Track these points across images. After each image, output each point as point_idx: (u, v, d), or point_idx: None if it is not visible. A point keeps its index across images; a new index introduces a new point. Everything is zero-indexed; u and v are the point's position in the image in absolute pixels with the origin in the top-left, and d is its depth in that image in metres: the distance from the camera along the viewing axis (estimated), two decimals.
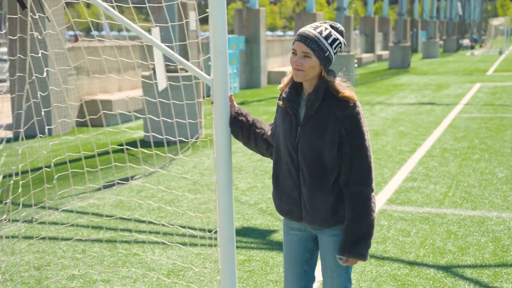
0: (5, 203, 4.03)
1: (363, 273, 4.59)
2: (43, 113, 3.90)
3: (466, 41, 52.66)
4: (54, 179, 3.83)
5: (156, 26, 8.96)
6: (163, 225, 5.54)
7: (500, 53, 41.39)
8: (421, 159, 8.54)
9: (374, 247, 5.12)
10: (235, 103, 3.00)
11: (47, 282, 4.42)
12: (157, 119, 4.11)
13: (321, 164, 2.66)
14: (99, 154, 8.52)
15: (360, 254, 2.66)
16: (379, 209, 6.21)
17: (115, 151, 8.80)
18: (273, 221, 5.85)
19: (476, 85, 19.53)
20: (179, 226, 5.51)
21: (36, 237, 5.18)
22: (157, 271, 4.63)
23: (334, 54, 2.64)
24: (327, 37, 2.62)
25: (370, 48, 35.43)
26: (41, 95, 4.03)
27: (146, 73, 10.43)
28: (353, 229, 2.64)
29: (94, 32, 4.41)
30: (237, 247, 5.04)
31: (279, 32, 75.76)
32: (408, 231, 5.51)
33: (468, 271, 4.60)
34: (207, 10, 3.08)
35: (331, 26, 2.66)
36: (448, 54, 43.16)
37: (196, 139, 9.92)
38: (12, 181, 3.61)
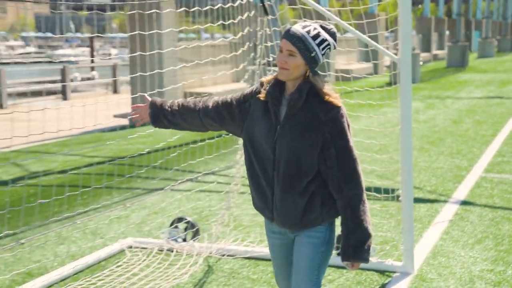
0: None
1: (481, 216, 5.82)
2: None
3: None
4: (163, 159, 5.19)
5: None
6: None
7: None
8: (505, 141, 9.67)
9: (484, 201, 6.34)
10: (148, 98, 2.93)
11: (210, 221, 5.77)
12: None
13: (298, 166, 2.56)
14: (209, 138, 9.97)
15: (364, 258, 2.59)
16: (479, 176, 7.41)
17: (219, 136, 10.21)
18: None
19: None
20: None
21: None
22: None
23: (322, 55, 2.56)
24: (314, 37, 2.52)
25: (426, 47, 36.17)
26: (157, 88, 5.28)
27: (251, 67, 11.83)
28: (356, 233, 2.57)
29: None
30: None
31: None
32: (510, 191, 6.70)
33: None
34: (388, 15, 4.40)
35: (322, 27, 2.58)
36: (504, 54, 43.40)
37: None
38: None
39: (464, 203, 6.29)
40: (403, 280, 4.36)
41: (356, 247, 2.56)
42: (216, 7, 4.83)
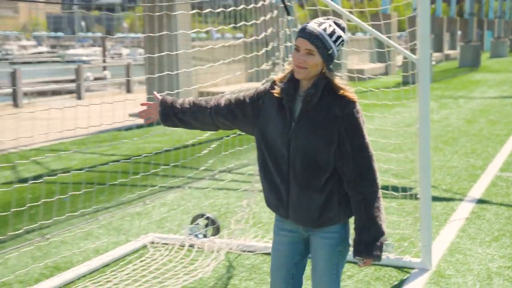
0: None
1: (497, 214, 5.87)
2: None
3: None
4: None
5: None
6: None
7: None
8: None
9: (500, 199, 6.40)
10: (158, 96, 2.92)
11: (229, 218, 5.92)
12: None
13: (314, 162, 2.56)
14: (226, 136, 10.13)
15: (376, 255, 2.59)
16: (494, 175, 7.46)
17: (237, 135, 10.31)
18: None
19: None
20: None
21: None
22: None
23: (337, 51, 2.57)
24: (331, 34, 2.53)
25: (438, 47, 36.09)
26: (172, 88, 5.34)
27: (274, 67, 11.93)
28: (370, 230, 2.57)
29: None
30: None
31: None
32: None
33: None
34: (415, 11, 4.48)
35: (335, 23, 2.59)
36: None
37: None
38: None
39: (480, 201, 6.35)
40: (421, 276, 4.44)
41: (368, 243, 2.56)
42: (240, 7, 4.93)
